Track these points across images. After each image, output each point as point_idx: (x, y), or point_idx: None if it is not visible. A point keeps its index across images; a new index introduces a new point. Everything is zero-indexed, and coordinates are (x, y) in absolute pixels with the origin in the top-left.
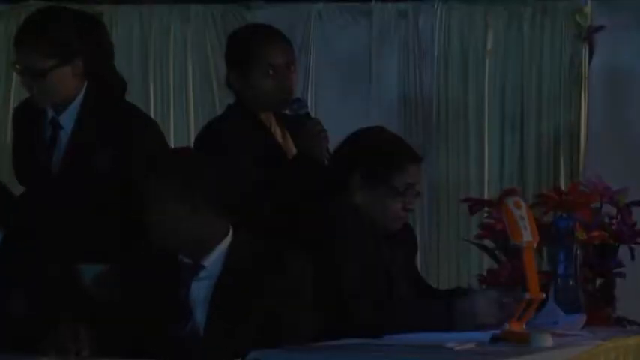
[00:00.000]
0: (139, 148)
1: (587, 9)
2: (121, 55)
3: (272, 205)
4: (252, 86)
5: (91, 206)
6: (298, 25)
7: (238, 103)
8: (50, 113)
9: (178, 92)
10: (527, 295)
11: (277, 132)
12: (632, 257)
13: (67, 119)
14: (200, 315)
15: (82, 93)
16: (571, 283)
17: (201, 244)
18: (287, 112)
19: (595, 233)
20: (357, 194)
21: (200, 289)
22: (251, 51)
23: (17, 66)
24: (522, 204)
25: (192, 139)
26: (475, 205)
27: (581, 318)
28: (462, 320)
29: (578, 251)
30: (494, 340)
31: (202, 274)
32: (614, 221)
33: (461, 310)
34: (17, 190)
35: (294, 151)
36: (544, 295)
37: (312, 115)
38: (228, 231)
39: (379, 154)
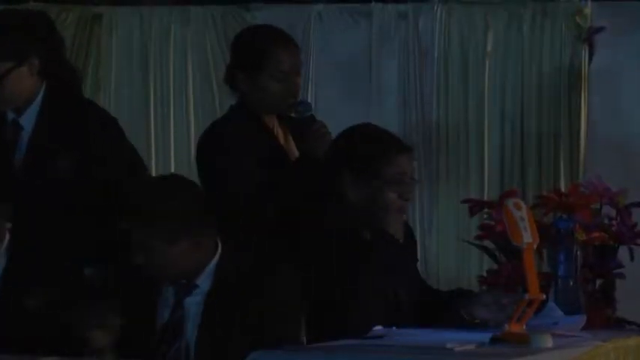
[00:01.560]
0: (99, 144)
1: (587, 10)
2: (121, 56)
3: (275, 207)
4: (260, 89)
5: (55, 205)
6: (298, 26)
7: (242, 104)
8: (10, 115)
9: (178, 93)
10: (528, 296)
11: (280, 134)
12: (632, 258)
13: (28, 120)
14: (191, 329)
15: (42, 92)
16: (571, 284)
17: (196, 268)
18: (292, 114)
19: (595, 234)
20: (350, 192)
21: (192, 305)
22: (261, 54)
23: None
24: (522, 205)
25: (193, 139)
26: (475, 205)
27: (581, 319)
28: (462, 321)
29: (578, 252)
30: (494, 341)
31: (195, 291)
32: (614, 222)
33: (461, 311)
34: None
35: (296, 153)
36: (544, 296)
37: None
38: (218, 246)
39: (365, 150)
